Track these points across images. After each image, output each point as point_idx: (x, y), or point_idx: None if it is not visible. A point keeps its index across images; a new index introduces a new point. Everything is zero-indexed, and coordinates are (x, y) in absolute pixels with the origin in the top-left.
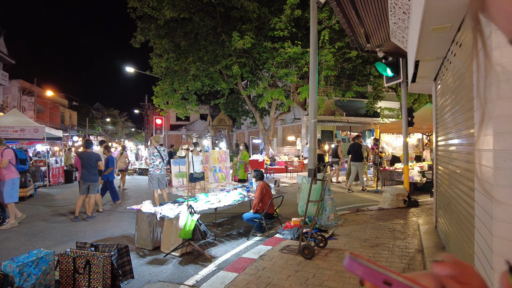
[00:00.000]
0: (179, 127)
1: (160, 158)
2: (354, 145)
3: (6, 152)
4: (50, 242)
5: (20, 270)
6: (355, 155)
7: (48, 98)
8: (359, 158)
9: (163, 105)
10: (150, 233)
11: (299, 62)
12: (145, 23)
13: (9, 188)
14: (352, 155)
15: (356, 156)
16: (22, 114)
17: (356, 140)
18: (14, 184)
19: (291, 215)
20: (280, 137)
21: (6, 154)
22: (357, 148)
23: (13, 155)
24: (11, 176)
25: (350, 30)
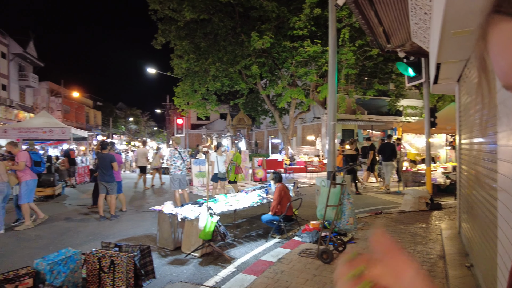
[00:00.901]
0: (200, 126)
1: (181, 160)
2: (386, 144)
3: (21, 154)
4: (77, 241)
5: (51, 268)
6: (387, 154)
7: (74, 99)
8: (390, 157)
9: (184, 105)
10: (171, 234)
11: (319, 61)
12: (166, 25)
13: (23, 189)
14: (383, 155)
15: (387, 156)
16: (50, 116)
17: (388, 140)
18: (28, 186)
19: (310, 217)
20: (299, 137)
21: (21, 157)
22: (389, 148)
23: (28, 157)
24: (26, 178)
25: (370, 31)
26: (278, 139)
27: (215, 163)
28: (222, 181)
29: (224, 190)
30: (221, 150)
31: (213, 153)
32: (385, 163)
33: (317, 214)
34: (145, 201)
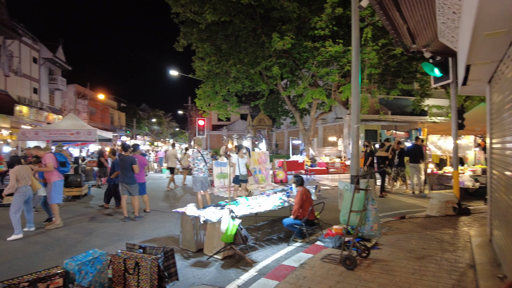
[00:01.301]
0: (221, 127)
1: (204, 162)
2: (415, 146)
3: (47, 156)
4: (103, 241)
5: (79, 268)
6: (415, 156)
7: (99, 100)
8: (418, 159)
9: (205, 107)
10: (194, 236)
11: (341, 61)
12: (188, 28)
13: (52, 190)
14: (411, 157)
15: (415, 158)
16: (77, 118)
17: (417, 142)
18: (55, 186)
19: (332, 221)
20: (320, 137)
21: (48, 159)
22: (417, 150)
23: (54, 159)
24: (54, 178)
25: (394, 31)
26: (298, 140)
27: (236, 165)
28: (244, 183)
29: (245, 192)
30: (242, 152)
31: (234, 155)
32: (412, 165)
33: (340, 219)
34: (168, 202)
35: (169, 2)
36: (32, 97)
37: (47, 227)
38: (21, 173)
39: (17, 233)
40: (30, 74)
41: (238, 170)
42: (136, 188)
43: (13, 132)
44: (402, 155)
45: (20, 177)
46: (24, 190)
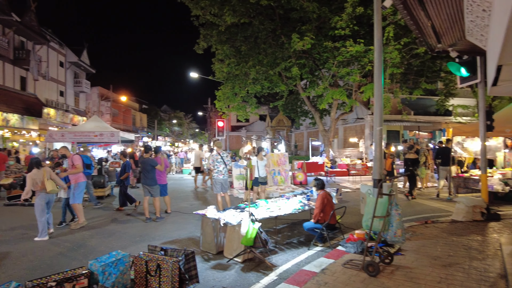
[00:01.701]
0: (239, 128)
1: (223, 164)
2: (444, 149)
3: (76, 158)
4: (125, 242)
5: (103, 270)
6: (446, 159)
7: (121, 102)
8: (447, 162)
9: (224, 108)
10: (214, 238)
11: (362, 61)
12: (207, 30)
13: (77, 190)
14: (442, 159)
15: (447, 160)
16: (101, 120)
17: (447, 144)
18: (80, 187)
19: (354, 225)
20: (341, 138)
21: (77, 160)
22: (446, 152)
23: (81, 160)
24: (79, 179)
25: (419, 31)
26: (318, 141)
27: (255, 167)
28: (263, 185)
29: (264, 194)
30: (261, 154)
31: (254, 158)
32: (443, 168)
33: (362, 224)
34: (189, 202)
35: (189, 5)
36: (58, 99)
37: (72, 226)
38: (38, 177)
39: (43, 236)
40: (57, 77)
41: (257, 172)
42: (157, 189)
43: (41, 133)
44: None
45: (38, 181)
46: (41, 195)
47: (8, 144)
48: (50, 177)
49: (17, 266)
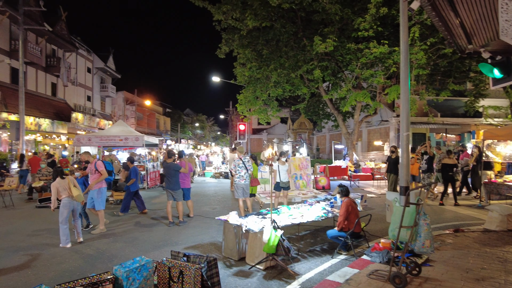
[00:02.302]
0: (261, 131)
1: (245, 169)
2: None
3: (99, 164)
4: (149, 246)
5: (127, 275)
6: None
7: (146, 106)
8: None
9: (246, 112)
10: (236, 244)
11: (386, 62)
12: (229, 34)
13: (100, 197)
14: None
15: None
16: (126, 124)
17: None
18: (102, 193)
19: (379, 232)
20: (365, 141)
21: (100, 165)
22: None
23: (104, 166)
24: (100, 185)
25: (448, 33)
26: (341, 144)
27: (277, 172)
28: (285, 190)
29: (286, 199)
30: (282, 159)
31: (275, 162)
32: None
33: (389, 233)
34: (211, 207)
35: (211, 10)
36: (86, 104)
37: (93, 232)
38: (62, 186)
39: (65, 243)
40: (85, 83)
41: (278, 177)
42: (180, 193)
43: (69, 137)
44: (431, 160)
45: (61, 189)
46: (66, 201)
47: (40, 147)
48: (74, 185)
49: (47, 269)
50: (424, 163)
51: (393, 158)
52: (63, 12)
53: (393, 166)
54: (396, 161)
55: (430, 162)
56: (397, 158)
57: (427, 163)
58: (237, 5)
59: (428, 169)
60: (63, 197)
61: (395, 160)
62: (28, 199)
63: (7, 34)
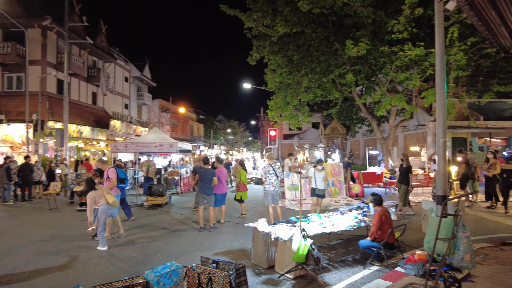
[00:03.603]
0: (292, 136)
1: (275, 176)
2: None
3: (111, 171)
4: (180, 250)
5: (158, 280)
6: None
7: (180, 113)
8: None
9: (276, 117)
10: (265, 252)
11: (422, 65)
12: (260, 41)
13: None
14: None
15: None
16: (160, 131)
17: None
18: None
19: (414, 243)
20: (401, 147)
21: (111, 174)
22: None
23: (116, 174)
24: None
25: (489, 32)
26: (376, 149)
27: (313, 178)
28: (320, 198)
29: (319, 207)
30: (319, 167)
31: (311, 169)
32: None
33: (424, 245)
34: (241, 213)
35: (242, 18)
36: (123, 112)
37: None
38: (97, 195)
39: (102, 246)
40: (122, 91)
41: (314, 183)
42: (212, 199)
43: (108, 143)
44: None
45: (97, 197)
46: (104, 208)
47: (81, 153)
48: (107, 192)
49: (85, 270)
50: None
51: (404, 167)
52: (103, 26)
53: (404, 176)
54: (407, 170)
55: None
56: (408, 168)
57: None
58: (268, 12)
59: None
60: (101, 204)
61: (406, 170)
62: (70, 203)
63: (55, 49)
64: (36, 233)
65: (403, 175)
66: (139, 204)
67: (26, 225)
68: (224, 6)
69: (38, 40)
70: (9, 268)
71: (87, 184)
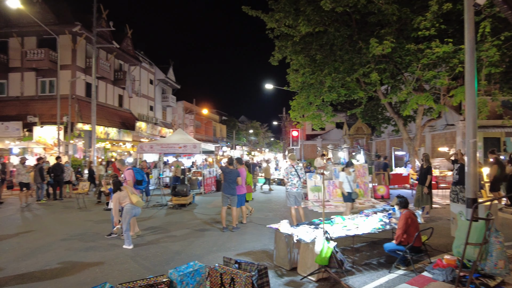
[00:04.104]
0: (315, 136)
1: (297, 177)
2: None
3: (127, 173)
4: (203, 250)
5: (181, 279)
6: None
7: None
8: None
9: (299, 118)
10: (287, 253)
11: (451, 62)
12: (282, 41)
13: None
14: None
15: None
16: (184, 132)
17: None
18: None
19: (442, 247)
20: (428, 147)
21: (128, 175)
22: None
23: (133, 176)
24: None
25: None
26: (402, 150)
27: (345, 183)
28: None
29: (349, 211)
30: (349, 169)
31: (342, 174)
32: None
33: (453, 250)
34: (263, 213)
35: (264, 19)
36: (148, 114)
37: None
38: (122, 195)
39: (128, 245)
40: (147, 94)
41: (349, 187)
42: (236, 199)
43: (134, 144)
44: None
45: (122, 198)
46: (129, 207)
47: (108, 154)
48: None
49: (111, 268)
50: (455, 173)
51: (425, 168)
52: (129, 30)
53: (424, 176)
54: (427, 171)
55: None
56: (428, 168)
57: (459, 174)
58: (290, 12)
59: (460, 181)
60: (126, 204)
61: (426, 170)
62: (97, 202)
63: (83, 53)
64: (66, 230)
65: (423, 175)
66: (163, 203)
67: (57, 223)
68: (246, 8)
69: (69, 45)
70: (42, 263)
71: (113, 184)
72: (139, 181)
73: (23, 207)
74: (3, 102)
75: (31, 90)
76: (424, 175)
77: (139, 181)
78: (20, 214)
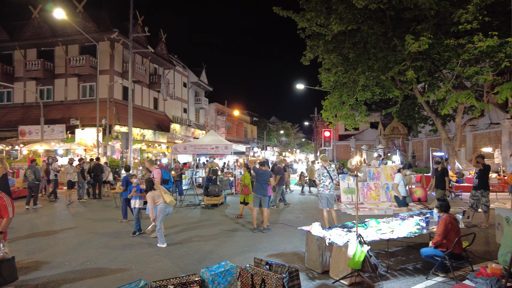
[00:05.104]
0: (348, 137)
1: (330, 179)
2: None
3: (156, 172)
4: (234, 251)
5: (213, 279)
6: None
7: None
8: None
9: (331, 118)
10: (319, 256)
11: (496, 56)
12: (314, 41)
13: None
14: None
15: None
16: (216, 134)
17: None
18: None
19: (486, 255)
20: (469, 147)
21: (156, 174)
22: None
23: (161, 175)
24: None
25: None
26: (441, 151)
27: (401, 186)
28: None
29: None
30: (406, 171)
31: (398, 175)
32: None
33: (499, 258)
34: (295, 215)
35: (295, 19)
36: (182, 116)
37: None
38: (156, 195)
39: (162, 243)
40: (181, 96)
41: (404, 191)
42: (267, 200)
43: (168, 146)
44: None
45: (156, 197)
46: (162, 206)
47: (144, 155)
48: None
49: (146, 265)
50: (475, 176)
51: (439, 170)
52: (163, 34)
53: (440, 179)
54: (443, 173)
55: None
56: (444, 170)
57: (478, 178)
58: (322, 11)
59: (481, 185)
60: (159, 203)
61: (442, 173)
62: None
63: (120, 58)
64: (105, 228)
65: (439, 178)
66: (196, 203)
67: (97, 221)
68: (277, 8)
69: (107, 51)
70: (83, 259)
71: (146, 184)
72: (165, 180)
73: (67, 204)
74: (49, 107)
75: (74, 94)
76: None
77: (166, 180)
78: (65, 211)
